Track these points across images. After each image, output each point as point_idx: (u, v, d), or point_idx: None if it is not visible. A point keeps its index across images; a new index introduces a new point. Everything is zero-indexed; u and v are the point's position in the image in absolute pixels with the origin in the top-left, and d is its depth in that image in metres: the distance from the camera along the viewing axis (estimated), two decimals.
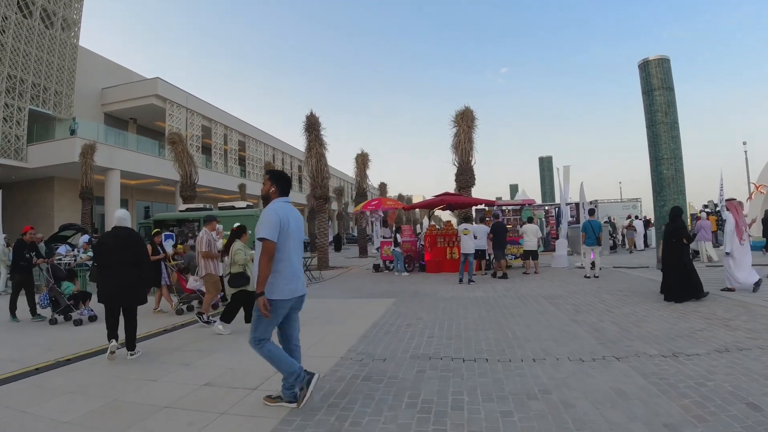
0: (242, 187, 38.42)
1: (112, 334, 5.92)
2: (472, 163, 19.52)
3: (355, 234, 41.39)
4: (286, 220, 3.90)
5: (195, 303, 9.84)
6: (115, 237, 6.09)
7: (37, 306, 9.28)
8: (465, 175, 19.24)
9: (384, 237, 17.35)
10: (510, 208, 17.61)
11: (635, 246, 23.77)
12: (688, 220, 14.64)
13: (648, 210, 29.74)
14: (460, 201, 16.80)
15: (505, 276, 13.95)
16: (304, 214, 54.76)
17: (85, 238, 17.65)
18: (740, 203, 10.13)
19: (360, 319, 8.01)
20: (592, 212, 13.78)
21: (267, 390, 4.47)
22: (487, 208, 17.31)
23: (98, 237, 10.74)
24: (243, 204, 17.37)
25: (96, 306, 8.41)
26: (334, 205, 49.26)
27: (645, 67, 15.14)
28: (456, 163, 19.69)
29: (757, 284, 9.30)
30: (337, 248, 38.51)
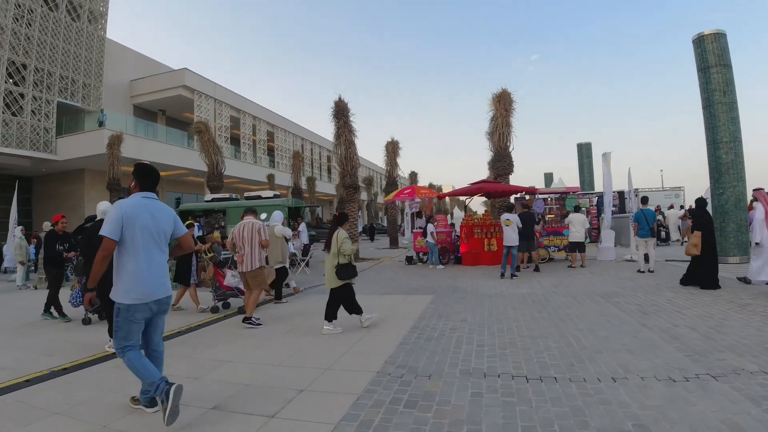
0: (271, 177, 38.01)
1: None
2: (510, 149, 18.40)
3: (385, 224, 40.90)
4: (133, 217, 3.59)
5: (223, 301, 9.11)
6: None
7: (68, 304, 8.29)
8: (502, 162, 18.12)
9: (420, 227, 16.41)
10: (552, 196, 16.41)
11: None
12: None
13: (691, 200, 28.18)
14: (498, 189, 15.69)
15: (537, 269, 13.22)
16: (333, 204, 54.55)
17: None
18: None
19: (396, 321, 7.11)
20: (645, 200, 12.54)
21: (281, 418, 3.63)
22: (528, 197, 16.18)
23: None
24: (270, 193, 16.64)
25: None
26: (364, 195, 48.52)
27: (700, 42, 13.90)
28: (492, 149, 18.60)
29: None
30: (371, 238, 38.15)
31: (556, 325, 6.53)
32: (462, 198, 18.54)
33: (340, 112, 19.04)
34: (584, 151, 33.74)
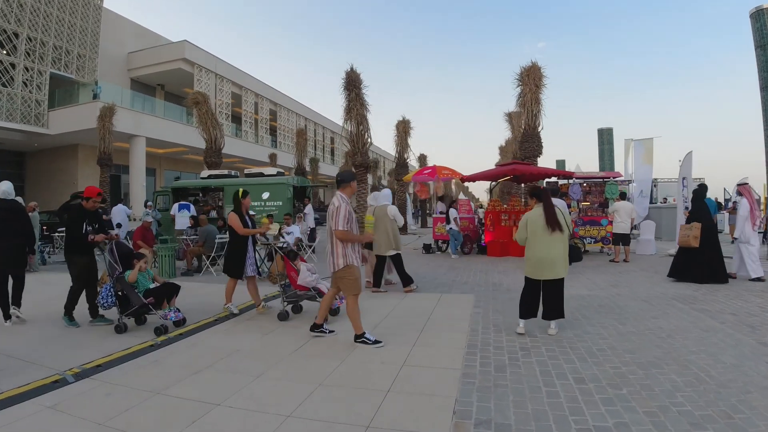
0: (273, 156, 36.45)
1: (5, 304, 6.25)
2: (540, 128, 16.70)
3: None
4: None
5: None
6: (1, 210, 6.34)
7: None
8: (531, 143, 16.45)
9: (441, 212, 14.71)
10: (591, 181, 14.70)
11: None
12: None
13: (716, 190, 26.63)
14: (533, 171, 13.96)
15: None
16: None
17: (122, 207, 15.20)
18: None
19: (443, 335, 5.43)
20: (704, 189, 10.86)
21: None
22: (565, 181, 14.51)
23: None
24: (273, 171, 15.07)
25: (183, 304, 6.44)
26: (370, 179, 46.82)
27: (759, 16, 12.23)
28: (511, 128, 16.94)
29: (759, 280, 8.83)
30: None
31: (659, 346, 4.88)
32: (465, 183, 16.80)
33: (352, 84, 17.33)
34: (605, 137, 31.99)
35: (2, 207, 6.37)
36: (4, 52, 24.42)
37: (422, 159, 37.27)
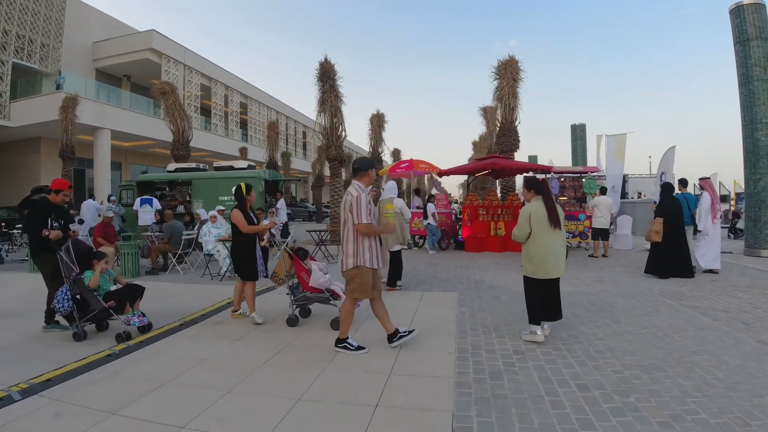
0: (243, 150, 35.57)
1: None
2: (516, 123, 16.47)
3: None
4: None
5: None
6: None
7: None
8: (508, 137, 16.19)
9: (418, 207, 14.34)
10: (568, 176, 14.56)
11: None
12: None
13: (692, 187, 27.06)
14: (511, 165, 13.72)
15: None
16: (308, 182, 52.05)
17: (91, 203, 14.40)
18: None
19: (430, 338, 5.04)
20: (684, 183, 10.70)
21: None
22: (543, 176, 14.32)
23: None
24: (244, 164, 14.53)
25: (148, 307, 5.78)
26: (344, 173, 46.26)
27: (738, 12, 12.22)
28: (498, 122, 16.67)
29: (712, 272, 9.23)
30: None
31: (659, 346, 4.62)
32: (437, 178, 16.48)
33: (326, 75, 16.76)
34: (578, 133, 32.05)
35: None
36: None
37: (396, 153, 36.95)
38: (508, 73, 16.50)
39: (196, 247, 10.58)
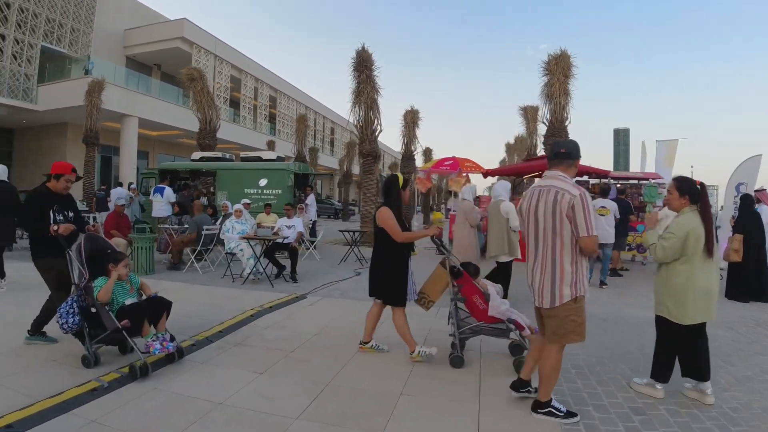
0: (271, 144, 34.88)
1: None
2: (567, 122, 15.19)
3: None
4: None
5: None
6: None
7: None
8: (558, 137, 14.88)
9: (456, 210, 13.13)
10: (630, 182, 13.20)
11: None
12: None
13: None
14: None
15: (619, 273, 10.08)
16: (334, 179, 51.01)
17: (119, 191, 13.73)
18: None
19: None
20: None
21: None
22: (597, 181, 13.01)
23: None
24: (273, 155, 13.56)
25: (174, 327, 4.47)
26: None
27: None
28: (546, 121, 15.41)
29: None
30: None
31: None
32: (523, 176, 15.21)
33: (363, 64, 15.68)
34: (621, 137, 30.90)
35: None
36: None
37: (427, 152, 35.78)
38: (558, 69, 15.26)
39: (218, 243, 9.61)
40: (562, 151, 3.25)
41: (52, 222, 4.38)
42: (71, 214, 4.65)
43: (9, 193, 7.42)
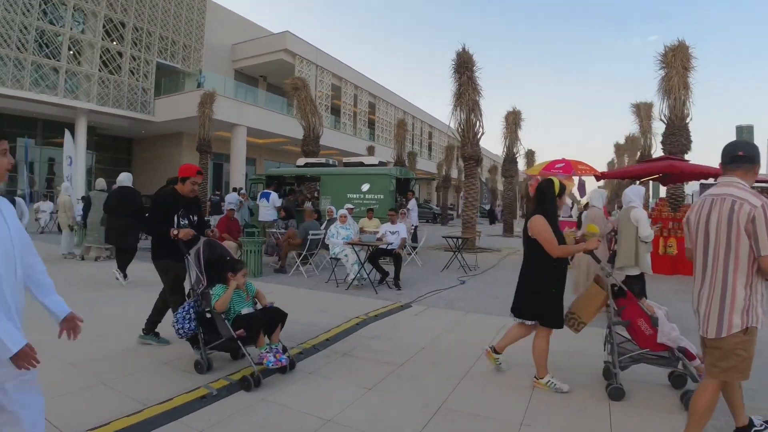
0: (371, 149, 35.31)
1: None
2: (688, 119, 13.85)
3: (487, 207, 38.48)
4: None
5: None
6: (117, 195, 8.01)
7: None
8: (678, 136, 13.61)
9: (569, 216, 12.40)
10: (758, 186, 11.78)
11: None
12: None
13: None
14: (693, 170, 11.20)
15: None
16: (432, 185, 50.63)
17: (233, 196, 14.68)
18: None
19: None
20: None
21: None
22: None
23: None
24: (374, 160, 13.58)
25: (282, 332, 4.33)
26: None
27: None
28: (664, 118, 14.15)
29: None
30: (492, 221, 36.16)
31: None
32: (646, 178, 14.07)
33: (463, 66, 15.29)
34: (744, 135, 27.69)
35: (118, 193, 8.20)
36: (111, 40, 25.19)
37: (530, 155, 34.55)
38: (677, 62, 13.97)
39: (323, 248, 9.69)
40: (740, 154, 2.75)
41: (175, 226, 4.41)
42: (195, 218, 4.63)
43: (132, 199, 8.04)
